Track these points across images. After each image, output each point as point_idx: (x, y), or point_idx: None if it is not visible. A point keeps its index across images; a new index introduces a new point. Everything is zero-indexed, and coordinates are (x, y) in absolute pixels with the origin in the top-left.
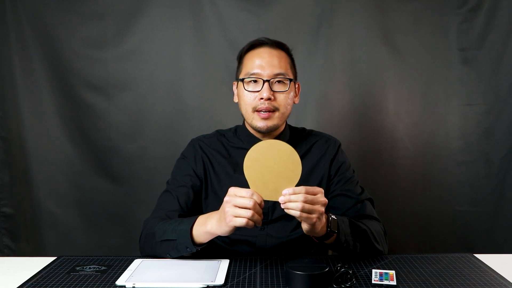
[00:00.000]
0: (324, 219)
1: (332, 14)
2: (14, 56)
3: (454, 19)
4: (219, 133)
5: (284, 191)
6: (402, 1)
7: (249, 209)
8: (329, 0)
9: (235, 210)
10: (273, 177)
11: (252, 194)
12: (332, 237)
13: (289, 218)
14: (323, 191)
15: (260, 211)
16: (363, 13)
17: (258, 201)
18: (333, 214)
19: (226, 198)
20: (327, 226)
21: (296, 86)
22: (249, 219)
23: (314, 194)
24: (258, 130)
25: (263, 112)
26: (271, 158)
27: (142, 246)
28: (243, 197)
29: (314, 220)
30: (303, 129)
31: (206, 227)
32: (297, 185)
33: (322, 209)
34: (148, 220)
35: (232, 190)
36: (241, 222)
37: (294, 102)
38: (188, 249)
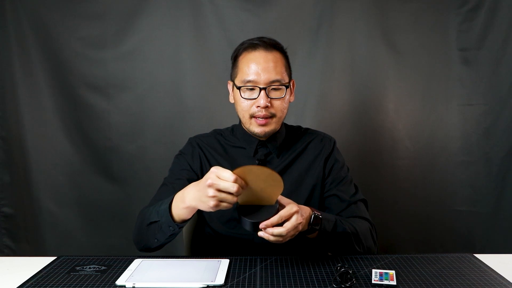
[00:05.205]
0: (306, 217)
1: (332, 14)
2: (14, 56)
3: (454, 19)
4: (216, 132)
5: (262, 231)
6: (402, 1)
7: (233, 194)
8: (329, 0)
9: (220, 195)
10: (258, 193)
11: (236, 179)
12: (314, 233)
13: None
14: (294, 209)
15: (241, 192)
16: (363, 13)
17: (241, 185)
18: (320, 212)
19: (209, 181)
20: (309, 223)
21: (291, 84)
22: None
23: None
24: (255, 135)
25: (260, 119)
26: (253, 181)
27: (135, 236)
28: (226, 181)
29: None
30: (299, 127)
31: (185, 203)
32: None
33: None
34: (141, 210)
35: (215, 171)
36: (226, 207)
37: (290, 101)
38: (171, 227)
